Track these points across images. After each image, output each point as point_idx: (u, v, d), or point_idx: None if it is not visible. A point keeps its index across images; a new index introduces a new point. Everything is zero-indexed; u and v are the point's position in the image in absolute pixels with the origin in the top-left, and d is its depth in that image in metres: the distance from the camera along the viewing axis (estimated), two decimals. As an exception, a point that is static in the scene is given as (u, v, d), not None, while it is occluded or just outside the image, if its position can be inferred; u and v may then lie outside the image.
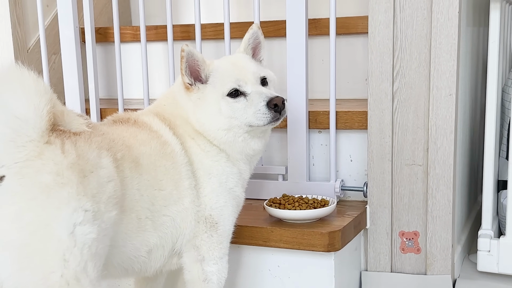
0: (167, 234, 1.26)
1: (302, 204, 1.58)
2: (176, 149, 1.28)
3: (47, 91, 1.05)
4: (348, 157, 1.74)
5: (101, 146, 1.11)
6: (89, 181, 1.04)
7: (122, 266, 1.22)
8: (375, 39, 1.59)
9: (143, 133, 1.26)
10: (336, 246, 1.49)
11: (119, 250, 1.17)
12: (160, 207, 1.22)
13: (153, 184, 1.21)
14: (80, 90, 1.95)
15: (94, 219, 1.03)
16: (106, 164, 1.10)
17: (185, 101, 1.35)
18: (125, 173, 1.15)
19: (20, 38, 2.12)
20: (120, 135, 1.21)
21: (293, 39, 1.68)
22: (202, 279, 1.34)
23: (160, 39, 2.21)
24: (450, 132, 1.56)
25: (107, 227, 1.07)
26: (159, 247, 1.26)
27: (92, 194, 1.04)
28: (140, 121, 1.31)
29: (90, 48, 1.92)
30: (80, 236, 1.01)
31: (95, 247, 1.03)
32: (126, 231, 1.16)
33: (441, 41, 1.53)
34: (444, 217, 1.60)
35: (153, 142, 1.25)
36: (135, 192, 1.17)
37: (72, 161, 1.03)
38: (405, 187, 1.63)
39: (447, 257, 1.61)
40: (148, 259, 1.26)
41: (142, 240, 1.21)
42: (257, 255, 1.58)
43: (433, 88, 1.56)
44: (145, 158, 1.21)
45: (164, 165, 1.24)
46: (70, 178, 1.02)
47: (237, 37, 2.09)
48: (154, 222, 1.22)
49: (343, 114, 1.70)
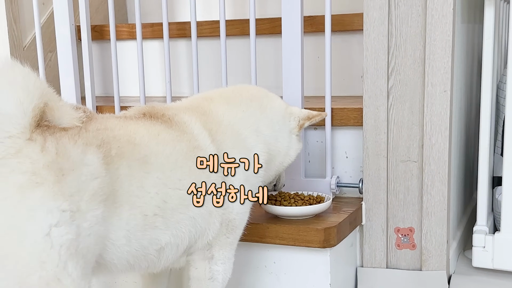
0: (184, 233, 1.24)
1: (298, 200, 1.58)
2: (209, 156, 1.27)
3: (37, 86, 1.02)
4: (343, 153, 1.75)
5: (89, 143, 1.08)
6: (68, 179, 1.01)
7: (128, 264, 1.19)
8: (370, 36, 1.60)
9: (171, 133, 1.23)
10: (331, 242, 1.50)
11: (122, 249, 1.14)
12: (176, 205, 1.20)
13: (166, 182, 1.18)
14: (76, 88, 1.95)
15: (72, 219, 1.01)
16: (91, 161, 1.06)
17: (287, 133, 1.50)
18: (120, 171, 1.11)
19: (16, 36, 2.12)
20: (129, 132, 1.17)
21: (289, 37, 1.68)
22: (208, 277, 1.34)
23: (156, 37, 2.21)
24: (445, 129, 1.57)
25: (92, 226, 1.05)
26: (172, 246, 1.23)
27: (71, 193, 1.01)
28: (176, 120, 1.28)
29: (86, 46, 1.93)
30: (57, 238, 0.99)
31: (75, 247, 1.01)
32: (128, 227, 1.13)
33: (436, 38, 1.54)
34: (439, 213, 1.61)
35: (181, 145, 1.23)
36: (134, 189, 1.14)
37: (51, 159, 1.01)
38: (400, 184, 1.63)
39: (442, 253, 1.62)
40: (158, 258, 1.23)
41: (151, 238, 1.18)
42: (253, 251, 1.59)
43: (428, 84, 1.56)
44: (159, 157, 1.18)
45: (189, 166, 1.22)
46: (46, 178, 0.99)
47: (233, 35, 2.11)
48: (167, 219, 1.20)
49: (338, 111, 1.71)
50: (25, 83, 1.01)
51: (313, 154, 1.77)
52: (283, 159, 1.50)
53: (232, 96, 1.46)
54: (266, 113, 1.46)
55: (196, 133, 1.27)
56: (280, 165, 1.51)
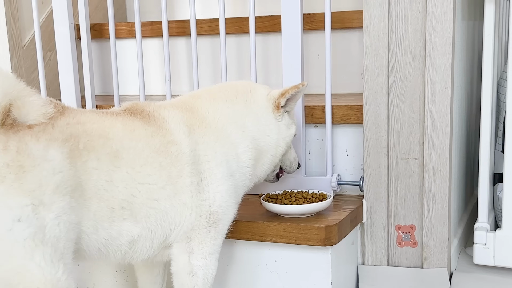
0: (156, 227, 1.26)
1: (299, 198, 1.58)
2: (185, 151, 1.28)
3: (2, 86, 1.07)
4: (344, 151, 1.74)
5: (53, 138, 1.12)
6: (28, 176, 1.06)
7: (100, 252, 1.23)
8: (370, 33, 1.59)
9: (147, 129, 1.26)
10: (332, 240, 1.49)
11: (90, 237, 1.19)
12: (145, 200, 1.22)
13: (136, 177, 1.21)
14: (76, 87, 1.95)
15: (34, 212, 1.05)
16: (53, 156, 1.10)
17: (274, 124, 1.47)
18: (88, 164, 1.15)
19: (15, 35, 2.12)
20: (103, 126, 1.21)
21: (289, 34, 1.68)
22: (188, 271, 1.33)
23: (156, 35, 2.21)
24: (445, 126, 1.56)
25: (59, 215, 1.09)
26: (146, 239, 1.26)
27: (31, 189, 1.06)
28: (155, 116, 1.30)
29: (85, 44, 1.92)
30: (20, 232, 1.04)
31: (40, 238, 1.06)
32: (95, 218, 1.18)
33: (436, 34, 1.53)
34: (440, 211, 1.60)
35: (154, 140, 1.25)
36: (103, 183, 1.17)
37: (11, 158, 1.05)
38: (401, 181, 1.63)
39: (444, 250, 1.62)
40: (132, 249, 1.26)
41: (119, 230, 1.21)
42: (254, 250, 1.58)
43: (428, 82, 1.56)
44: (130, 153, 1.21)
45: (160, 162, 1.24)
46: (5, 176, 1.04)
47: (233, 33, 2.10)
48: (135, 213, 1.22)
49: (339, 109, 1.70)
50: None
51: (314, 152, 1.77)
52: (275, 152, 1.49)
53: (218, 93, 1.46)
54: (251, 107, 1.45)
55: (172, 127, 1.29)
56: (273, 157, 1.50)
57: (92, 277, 1.77)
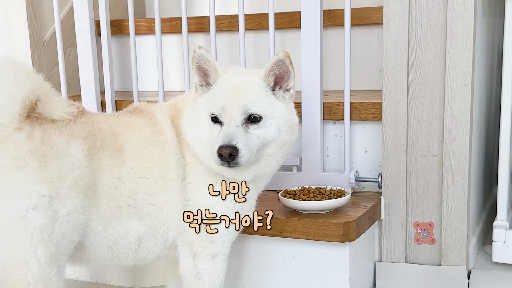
0: (157, 224, 1.27)
1: (317, 195, 1.58)
2: (168, 138, 1.28)
3: (29, 80, 1.12)
4: (362, 148, 1.74)
5: (75, 134, 1.16)
6: (50, 166, 1.09)
7: (111, 252, 1.25)
8: (390, 29, 1.59)
9: (140, 121, 1.29)
10: (350, 237, 1.49)
11: (100, 235, 1.21)
12: (145, 195, 1.24)
13: (137, 171, 1.23)
14: (96, 83, 1.97)
15: (50, 204, 1.08)
16: (74, 152, 1.14)
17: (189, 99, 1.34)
18: (103, 161, 1.19)
19: (36, 31, 2.14)
20: (111, 124, 1.25)
21: (308, 31, 1.68)
22: (193, 275, 1.33)
23: (175, 31, 2.22)
24: (465, 123, 1.56)
25: (70, 213, 1.12)
26: (150, 237, 1.27)
27: (51, 180, 1.09)
28: (147, 111, 1.33)
29: (105, 41, 1.94)
30: (32, 220, 1.06)
31: (49, 232, 1.08)
32: (104, 218, 1.20)
33: (457, 31, 1.52)
34: (459, 208, 1.60)
35: (145, 130, 1.27)
36: (114, 180, 1.20)
37: (35, 146, 1.09)
38: (420, 178, 1.63)
39: (462, 248, 1.61)
40: (140, 247, 1.28)
41: (126, 228, 1.23)
42: (272, 245, 1.59)
43: (448, 78, 1.55)
44: (130, 146, 1.24)
45: (152, 152, 1.26)
46: (28, 162, 1.07)
47: (251, 29, 2.11)
48: (139, 210, 1.24)
49: (357, 105, 1.70)
50: (17, 77, 1.11)
51: (332, 148, 1.77)
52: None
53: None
54: None
55: (159, 118, 1.31)
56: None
57: (110, 271, 1.79)
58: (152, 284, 1.74)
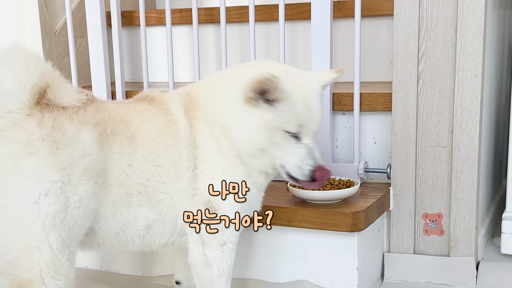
0: (166, 212, 1.28)
1: (326, 185, 1.59)
2: (181, 129, 1.28)
3: (38, 67, 1.12)
4: (371, 139, 1.74)
5: (85, 121, 1.16)
6: (61, 153, 1.09)
7: (118, 236, 1.25)
8: (401, 20, 1.59)
9: (152, 110, 1.29)
10: (359, 227, 1.50)
11: (109, 221, 1.22)
12: (157, 183, 1.24)
13: (149, 159, 1.23)
14: (106, 74, 1.98)
15: (62, 190, 1.08)
16: (85, 139, 1.14)
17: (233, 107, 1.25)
18: (113, 149, 1.19)
19: (47, 21, 2.15)
20: (122, 112, 1.25)
21: (318, 22, 1.68)
22: (202, 262, 1.33)
23: (185, 23, 2.22)
24: (475, 114, 1.55)
25: (81, 199, 1.12)
26: (159, 224, 1.28)
27: (63, 166, 1.09)
28: (159, 99, 1.33)
29: (116, 32, 1.94)
30: (44, 207, 1.06)
31: (61, 218, 1.09)
32: (114, 204, 1.20)
33: (468, 22, 1.52)
34: (468, 199, 1.60)
35: (158, 119, 1.27)
36: (125, 168, 1.20)
37: (46, 132, 1.09)
38: (429, 169, 1.63)
39: (471, 239, 1.61)
40: (148, 234, 1.28)
41: (136, 215, 1.24)
42: (281, 235, 1.60)
43: (458, 69, 1.55)
44: (143, 134, 1.23)
45: (165, 142, 1.26)
46: (40, 149, 1.08)
47: (262, 20, 2.11)
48: (150, 198, 1.24)
49: (367, 96, 1.70)
50: (26, 64, 1.11)
51: (341, 139, 1.77)
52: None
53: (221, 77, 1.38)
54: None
55: (172, 107, 1.31)
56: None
57: (120, 260, 1.81)
58: (161, 273, 1.76)
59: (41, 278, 1.08)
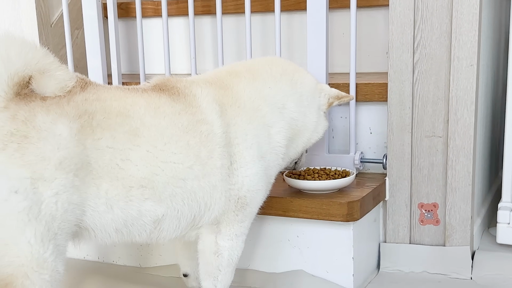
0: (183, 206, 1.24)
1: (322, 175, 1.59)
2: (216, 131, 1.25)
3: (22, 56, 1.05)
4: (367, 129, 1.75)
5: (64, 113, 1.09)
6: (31, 147, 1.04)
7: (120, 233, 1.21)
8: (396, 10, 1.59)
9: (174, 107, 1.23)
10: (354, 216, 1.50)
11: (105, 216, 1.16)
12: (170, 178, 1.20)
13: (158, 156, 1.18)
14: (103, 66, 1.98)
15: (33, 186, 1.04)
16: (61, 131, 1.08)
17: (315, 109, 1.48)
18: (101, 142, 1.12)
19: (43, 13, 2.15)
20: (126, 103, 1.18)
21: (314, 12, 1.68)
22: (214, 251, 1.34)
23: (181, 14, 2.22)
24: (470, 103, 1.56)
25: (58, 194, 1.07)
26: (172, 219, 1.24)
27: (33, 161, 1.04)
28: (185, 93, 1.27)
29: (112, 23, 1.95)
30: (15, 204, 1.02)
31: (34, 214, 1.04)
32: (107, 197, 1.15)
33: (463, 11, 1.52)
34: (464, 189, 1.60)
35: (181, 117, 1.22)
36: (118, 162, 1.14)
37: (16, 127, 1.04)
38: (424, 159, 1.63)
39: (466, 229, 1.62)
40: (157, 229, 1.24)
41: (139, 209, 1.19)
42: (277, 225, 1.60)
43: (454, 58, 1.55)
44: (152, 131, 1.18)
45: (187, 140, 1.21)
46: (7, 144, 1.02)
47: (258, 11, 2.11)
48: (158, 192, 1.20)
49: (363, 86, 1.70)
50: (6, 53, 1.04)
51: (337, 129, 1.78)
52: (311, 135, 1.48)
53: (260, 70, 1.41)
54: (296, 88, 1.44)
55: (204, 106, 1.26)
56: (307, 141, 1.49)
57: (117, 251, 1.81)
58: (158, 263, 1.76)
59: (24, 272, 1.05)
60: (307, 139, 1.49)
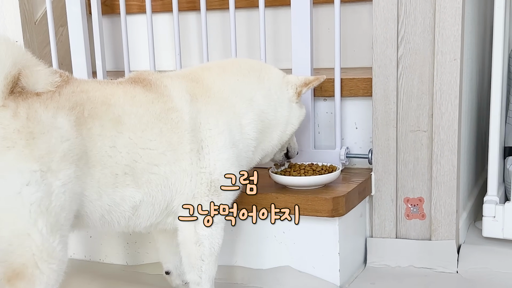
0: (157, 192, 1.29)
1: (308, 171, 1.59)
2: (185, 118, 1.30)
3: (9, 55, 1.10)
4: (353, 124, 1.75)
5: (61, 106, 1.15)
6: (38, 142, 1.09)
7: (103, 219, 1.26)
8: (380, 4, 1.59)
9: (148, 96, 1.29)
10: (340, 212, 1.50)
11: (95, 203, 1.22)
12: (146, 165, 1.25)
13: (137, 142, 1.24)
14: (88, 64, 1.96)
15: (43, 178, 1.09)
16: (61, 124, 1.14)
17: (286, 102, 1.50)
18: (93, 131, 1.19)
19: (27, 11, 2.13)
20: (106, 93, 1.24)
21: (298, 8, 1.67)
22: (194, 241, 1.35)
23: (166, 10, 2.21)
24: (454, 97, 1.56)
25: (65, 184, 1.13)
26: (147, 204, 1.29)
27: (41, 155, 1.09)
28: (157, 84, 1.33)
29: (96, 20, 1.93)
30: (27, 196, 1.07)
31: (45, 205, 1.10)
32: (99, 185, 1.21)
33: (446, 5, 1.52)
34: (449, 183, 1.60)
35: (154, 106, 1.27)
36: (107, 149, 1.20)
37: (21, 124, 1.09)
38: (410, 154, 1.63)
39: (452, 223, 1.62)
40: (135, 215, 1.29)
41: (122, 196, 1.24)
42: (263, 221, 1.59)
43: (437, 53, 1.55)
44: (131, 118, 1.24)
45: (160, 127, 1.27)
46: (17, 142, 1.08)
47: (243, 7, 2.10)
48: (137, 178, 1.25)
49: (348, 81, 1.70)
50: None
51: (323, 125, 1.77)
52: (285, 128, 1.52)
53: (230, 66, 1.49)
54: (264, 83, 1.48)
55: (174, 95, 1.32)
56: (282, 134, 1.52)
57: (104, 249, 1.81)
58: (145, 261, 1.76)
59: (34, 262, 1.10)
60: (281, 132, 1.52)
